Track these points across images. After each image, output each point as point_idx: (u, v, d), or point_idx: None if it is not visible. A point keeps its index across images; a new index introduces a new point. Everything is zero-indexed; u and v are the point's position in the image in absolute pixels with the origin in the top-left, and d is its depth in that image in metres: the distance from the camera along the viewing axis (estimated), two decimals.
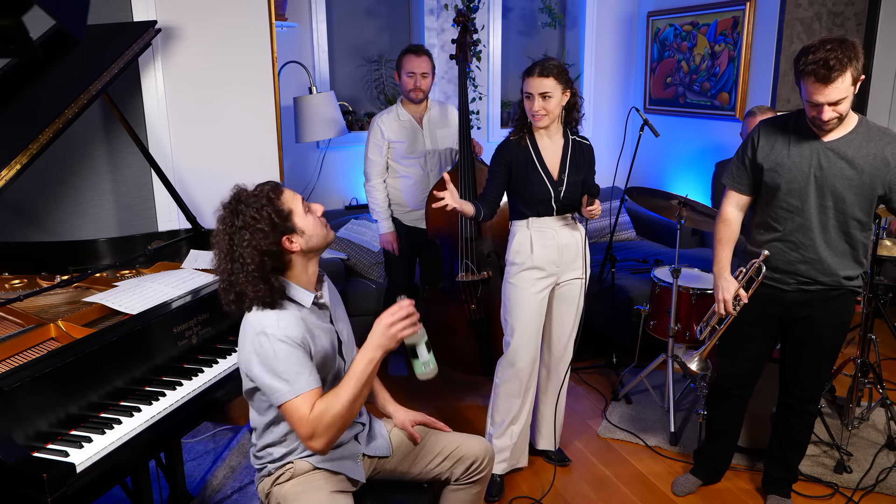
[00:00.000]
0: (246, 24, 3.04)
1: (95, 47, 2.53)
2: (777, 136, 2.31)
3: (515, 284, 2.70)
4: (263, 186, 1.73)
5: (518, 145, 2.66)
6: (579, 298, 2.76)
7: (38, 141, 2.12)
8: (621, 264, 4.05)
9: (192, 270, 2.46)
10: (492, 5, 4.77)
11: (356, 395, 1.65)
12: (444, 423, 2.08)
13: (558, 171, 2.67)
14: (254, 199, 1.69)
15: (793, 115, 2.33)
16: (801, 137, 2.26)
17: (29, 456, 1.56)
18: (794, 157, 2.27)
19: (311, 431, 1.64)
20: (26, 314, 2.05)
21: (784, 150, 2.28)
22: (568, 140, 2.70)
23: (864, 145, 2.20)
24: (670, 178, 4.92)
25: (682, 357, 2.75)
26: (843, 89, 2.05)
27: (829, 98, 2.07)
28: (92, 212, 2.99)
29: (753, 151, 2.35)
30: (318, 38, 4.42)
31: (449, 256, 3.41)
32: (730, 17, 4.26)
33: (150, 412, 1.84)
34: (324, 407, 1.64)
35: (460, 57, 3.38)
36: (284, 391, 1.65)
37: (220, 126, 3.09)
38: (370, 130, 3.54)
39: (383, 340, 1.66)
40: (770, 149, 2.31)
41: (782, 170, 2.28)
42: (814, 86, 2.06)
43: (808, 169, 2.24)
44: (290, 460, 1.83)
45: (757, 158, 2.34)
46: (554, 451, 2.98)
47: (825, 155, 2.22)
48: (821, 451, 2.98)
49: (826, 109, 2.09)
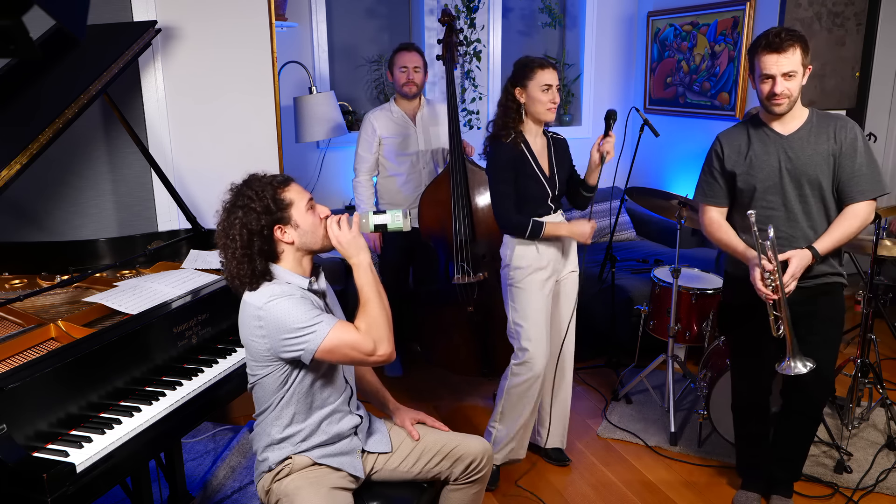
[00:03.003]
0: (246, 24, 3.04)
1: (95, 47, 2.53)
2: (739, 141, 2.40)
3: (525, 289, 2.66)
4: (275, 176, 1.79)
5: (514, 147, 2.63)
6: (576, 290, 2.80)
7: (38, 141, 2.12)
8: (621, 264, 4.05)
9: (192, 270, 2.46)
10: (492, 5, 4.77)
11: (378, 294, 1.78)
12: (444, 424, 2.09)
13: (549, 169, 2.69)
14: (258, 183, 1.76)
15: (746, 121, 2.43)
16: (761, 138, 2.36)
17: (29, 456, 1.55)
18: (762, 157, 2.34)
19: (372, 343, 1.72)
20: (26, 314, 2.05)
21: (750, 153, 2.36)
22: (547, 137, 2.73)
23: (819, 130, 2.30)
24: (670, 178, 4.92)
25: (781, 369, 2.31)
26: (794, 61, 2.19)
27: (781, 68, 2.19)
28: (92, 212, 2.99)
29: (721, 162, 2.42)
30: (318, 38, 4.42)
31: (443, 258, 3.41)
32: (730, 17, 4.26)
33: (151, 412, 1.84)
34: (366, 320, 1.74)
35: (447, 57, 3.39)
36: (320, 331, 1.68)
37: (220, 126, 3.09)
38: (362, 126, 3.55)
39: (350, 248, 1.78)
40: (737, 154, 2.39)
41: (754, 170, 2.35)
42: (767, 56, 2.20)
43: (778, 163, 2.32)
44: (290, 455, 1.83)
45: (726, 167, 2.40)
46: (553, 451, 2.98)
47: (789, 147, 2.31)
48: (821, 451, 2.98)
49: (779, 80, 2.20)
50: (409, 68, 3.43)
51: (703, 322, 3.28)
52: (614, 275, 3.71)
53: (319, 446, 1.85)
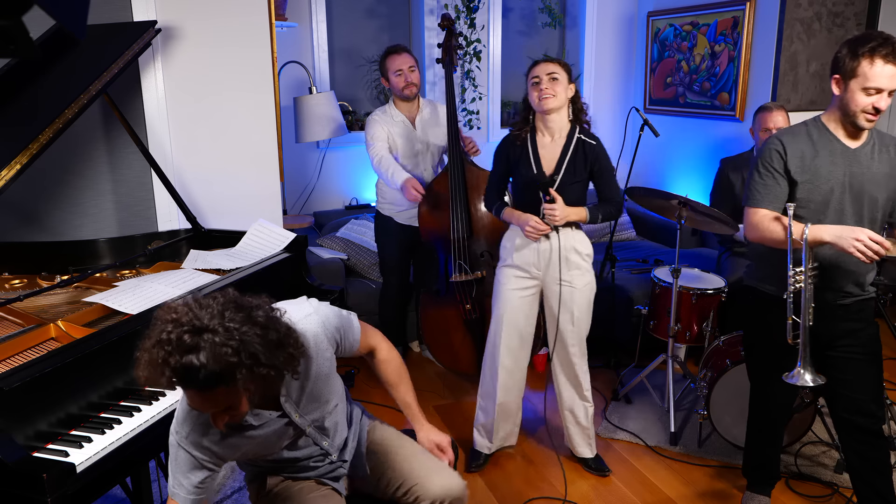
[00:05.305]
0: (246, 24, 3.04)
1: (95, 47, 2.52)
2: (802, 147, 2.19)
3: (498, 279, 2.80)
4: None
5: (516, 141, 2.70)
6: (571, 303, 2.70)
7: (38, 141, 2.12)
8: (621, 264, 4.05)
9: (192, 270, 2.46)
10: (492, 5, 4.77)
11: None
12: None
13: (553, 169, 2.65)
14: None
15: (808, 125, 2.23)
16: (829, 148, 2.17)
17: (29, 456, 1.55)
18: (828, 168, 2.16)
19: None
20: (26, 314, 2.04)
21: (815, 162, 2.17)
22: (572, 139, 2.67)
23: (881, 148, 2.19)
24: (670, 178, 4.92)
25: (788, 378, 2.19)
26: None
27: (894, 83, 2.00)
28: (92, 212, 2.99)
29: (784, 163, 2.19)
30: (318, 38, 4.42)
31: (443, 258, 3.42)
32: (730, 17, 4.26)
33: (151, 412, 1.84)
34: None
35: (446, 60, 3.45)
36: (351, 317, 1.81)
37: (220, 126, 3.09)
38: (370, 126, 3.51)
39: None
40: (799, 161, 2.17)
41: (817, 181, 2.16)
42: (884, 66, 1.98)
43: (843, 177, 2.16)
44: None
45: (791, 172, 2.18)
46: (592, 460, 2.93)
47: (856, 161, 2.16)
48: (821, 451, 2.98)
49: (884, 97, 2.02)
50: (405, 70, 3.43)
51: (703, 322, 3.28)
52: (614, 275, 3.71)
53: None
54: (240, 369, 1.33)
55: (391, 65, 3.44)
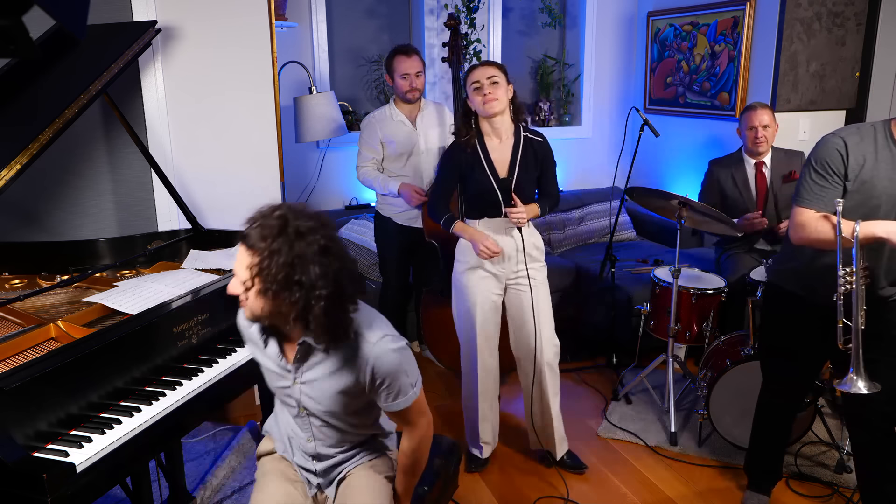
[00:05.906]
0: (246, 24, 3.04)
1: (95, 47, 2.52)
2: (864, 151, 2.06)
3: (463, 282, 2.80)
4: None
5: (465, 147, 2.68)
6: (538, 297, 2.75)
7: (38, 141, 2.12)
8: (621, 264, 4.05)
9: (192, 270, 2.46)
10: (492, 5, 4.77)
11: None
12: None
13: (507, 170, 2.67)
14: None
15: (876, 129, 2.08)
16: (886, 159, 2.05)
17: (29, 456, 1.55)
18: (883, 184, 2.05)
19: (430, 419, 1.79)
20: (26, 314, 2.05)
21: (875, 168, 2.05)
22: (519, 139, 2.70)
23: None
24: (670, 178, 4.92)
25: (840, 385, 2.08)
26: None
27: None
28: (92, 212, 2.99)
29: (844, 164, 2.05)
30: (318, 38, 4.42)
31: (445, 257, 3.42)
32: (730, 17, 4.26)
33: (151, 412, 1.84)
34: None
35: (453, 59, 3.45)
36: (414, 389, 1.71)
37: (220, 126, 3.09)
38: (365, 129, 3.53)
39: None
40: (859, 164, 2.05)
41: (873, 189, 2.06)
42: None
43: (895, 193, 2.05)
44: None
45: (849, 176, 2.05)
46: (565, 456, 2.94)
47: None
48: (821, 451, 2.98)
49: None
50: (411, 75, 3.42)
51: (703, 322, 3.28)
52: (614, 275, 3.71)
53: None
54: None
55: (399, 66, 3.42)
